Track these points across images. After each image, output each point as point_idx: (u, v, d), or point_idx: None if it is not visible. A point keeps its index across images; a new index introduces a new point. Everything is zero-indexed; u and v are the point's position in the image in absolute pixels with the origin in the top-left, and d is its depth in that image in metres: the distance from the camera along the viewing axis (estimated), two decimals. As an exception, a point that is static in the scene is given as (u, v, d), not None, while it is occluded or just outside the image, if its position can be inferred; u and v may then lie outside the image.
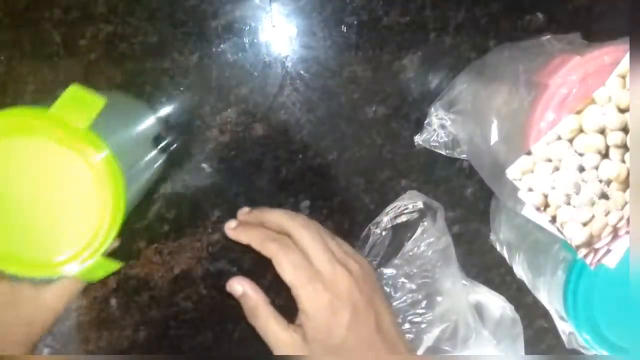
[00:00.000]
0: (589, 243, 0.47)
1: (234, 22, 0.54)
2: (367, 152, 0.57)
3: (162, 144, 0.50)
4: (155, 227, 0.56)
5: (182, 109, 0.54)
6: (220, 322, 0.59)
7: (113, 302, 0.57)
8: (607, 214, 0.46)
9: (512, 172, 0.46)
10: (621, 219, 0.47)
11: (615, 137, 0.45)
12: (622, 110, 0.45)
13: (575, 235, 0.47)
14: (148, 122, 0.51)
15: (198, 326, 0.59)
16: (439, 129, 0.54)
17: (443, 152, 0.55)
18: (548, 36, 0.49)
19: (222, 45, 0.54)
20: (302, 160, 0.57)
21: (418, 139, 0.55)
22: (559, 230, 0.46)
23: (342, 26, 0.54)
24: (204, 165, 0.55)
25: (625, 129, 0.45)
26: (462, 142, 0.53)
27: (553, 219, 0.46)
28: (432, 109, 0.54)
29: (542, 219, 0.46)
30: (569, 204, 0.46)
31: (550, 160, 0.45)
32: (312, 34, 0.55)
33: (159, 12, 0.54)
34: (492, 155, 0.48)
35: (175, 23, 0.54)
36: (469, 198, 0.58)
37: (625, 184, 0.46)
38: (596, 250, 0.47)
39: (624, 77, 0.43)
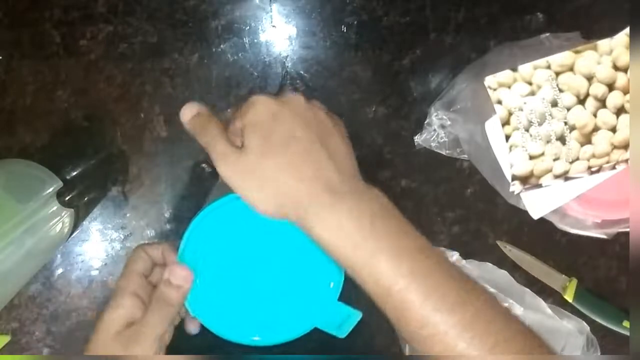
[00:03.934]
0: (525, 180, 0.48)
1: (234, 22, 0.54)
2: (367, 152, 0.57)
3: (67, 198, 0.52)
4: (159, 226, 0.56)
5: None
6: (220, 322, 0.59)
7: (113, 302, 0.57)
8: (555, 158, 0.47)
9: (490, 81, 0.47)
10: (565, 173, 0.47)
11: (598, 89, 0.45)
12: (617, 68, 0.45)
13: (518, 164, 0.47)
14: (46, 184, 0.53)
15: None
16: (439, 129, 0.54)
17: (443, 152, 0.55)
18: (547, 34, 0.49)
19: (222, 45, 0.54)
20: (302, 160, 0.56)
21: (418, 139, 0.55)
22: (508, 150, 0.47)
23: (342, 26, 0.54)
24: (204, 165, 0.55)
25: (610, 86, 0.45)
26: (462, 141, 0.53)
27: (506, 138, 0.46)
28: (432, 109, 0.54)
29: (499, 137, 0.47)
30: (527, 131, 0.46)
31: (530, 84, 0.46)
32: (312, 34, 0.55)
33: (159, 12, 0.54)
34: (492, 154, 0.48)
35: (175, 23, 0.54)
36: (469, 198, 0.58)
37: (586, 138, 0.46)
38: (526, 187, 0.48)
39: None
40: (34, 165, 0.54)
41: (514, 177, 0.47)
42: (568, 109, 0.45)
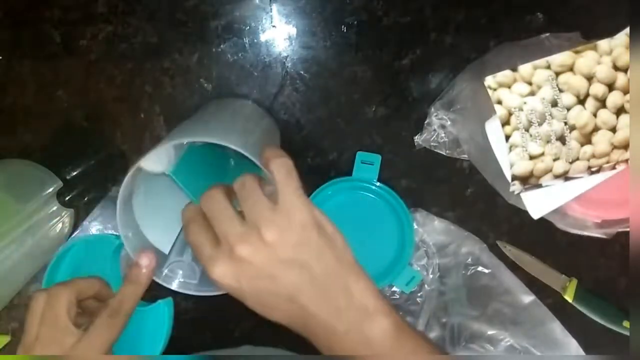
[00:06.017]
0: (525, 180, 0.48)
1: (234, 22, 0.54)
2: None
3: (67, 198, 0.53)
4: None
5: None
6: (220, 322, 0.59)
7: (113, 302, 0.57)
8: (555, 158, 0.47)
9: (490, 81, 0.46)
10: (565, 173, 0.47)
11: (598, 89, 0.45)
12: (617, 68, 0.45)
13: (518, 164, 0.47)
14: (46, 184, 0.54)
15: (198, 326, 0.59)
16: (439, 129, 0.54)
17: (443, 152, 0.55)
18: (547, 34, 0.49)
19: (222, 45, 0.54)
20: (302, 160, 0.57)
21: (418, 139, 0.55)
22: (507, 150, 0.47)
23: (342, 26, 0.54)
24: (204, 165, 0.55)
25: (610, 86, 0.45)
26: (462, 141, 0.53)
27: (506, 138, 0.47)
28: (432, 109, 0.54)
29: (499, 137, 0.47)
30: (527, 131, 0.46)
31: (530, 84, 0.46)
32: (312, 34, 0.55)
33: (159, 12, 0.54)
34: (492, 154, 0.48)
35: (175, 23, 0.54)
36: (469, 198, 0.58)
37: (586, 138, 0.46)
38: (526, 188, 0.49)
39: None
40: (34, 165, 0.54)
41: (514, 177, 0.47)
42: (568, 109, 0.45)
